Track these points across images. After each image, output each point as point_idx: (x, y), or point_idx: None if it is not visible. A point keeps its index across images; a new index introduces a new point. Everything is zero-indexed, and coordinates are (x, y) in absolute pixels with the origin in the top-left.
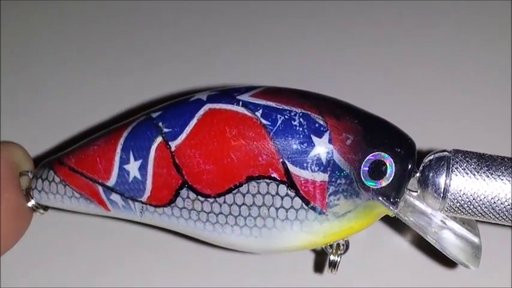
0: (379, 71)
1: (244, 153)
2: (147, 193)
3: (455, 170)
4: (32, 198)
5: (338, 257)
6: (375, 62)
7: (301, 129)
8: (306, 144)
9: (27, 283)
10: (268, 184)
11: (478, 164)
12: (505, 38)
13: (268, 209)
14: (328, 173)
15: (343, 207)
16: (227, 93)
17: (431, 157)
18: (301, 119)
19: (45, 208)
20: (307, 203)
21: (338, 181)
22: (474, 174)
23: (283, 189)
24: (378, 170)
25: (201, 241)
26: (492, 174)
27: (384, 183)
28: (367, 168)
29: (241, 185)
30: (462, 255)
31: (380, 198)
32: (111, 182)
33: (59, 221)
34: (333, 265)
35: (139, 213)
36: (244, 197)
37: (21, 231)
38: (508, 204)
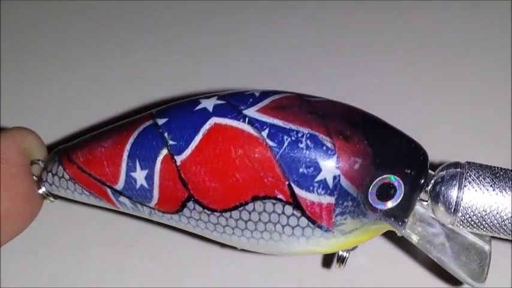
0: (384, 74)
1: (249, 174)
2: (155, 201)
3: (468, 185)
4: (43, 186)
5: (347, 252)
6: (380, 65)
7: (308, 152)
8: (312, 168)
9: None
10: (274, 204)
11: (491, 179)
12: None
13: (275, 225)
14: (335, 196)
15: (349, 226)
16: (233, 105)
17: (443, 172)
18: (308, 141)
19: (55, 196)
20: (313, 222)
21: (345, 203)
22: (488, 189)
23: (289, 209)
24: (386, 193)
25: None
26: (506, 189)
27: (391, 204)
28: (374, 191)
29: (246, 203)
30: (467, 273)
31: (387, 218)
32: (119, 186)
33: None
34: (341, 260)
35: (147, 215)
36: (250, 214)
37: (30, 217)
38: None
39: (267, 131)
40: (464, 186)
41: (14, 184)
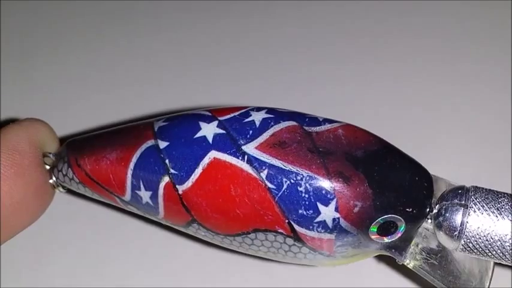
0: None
1: (249, 210)
2: (161, 215)
3: (473, 214)
4: (54, 176)
5: None
6: (380, 78)
7: (307, 195)
8: (311, 211)
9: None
10: (275, 236)
11: (496, 205)
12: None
13: (277, 250)
14: (335, 234)
15: (351, 253)
16: (232, 138)
17: (448, 199)
18: (307, 185)
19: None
20: (314, 250)
21: (345, 239)
22: (492, 216)
23: (290, 241)
24: (386, 230)
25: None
26: (509, 216)
27: (393, 239)
28: (375, 230)
29: (248, 233)
30: None
31: (388, 250)
32: (126, 198)
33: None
34: None
35: (156, 220)
36: (252, 241)
37: (43, 207)
38: None
39: (266, 171)
40: (469, 214)
41: (26, 175)
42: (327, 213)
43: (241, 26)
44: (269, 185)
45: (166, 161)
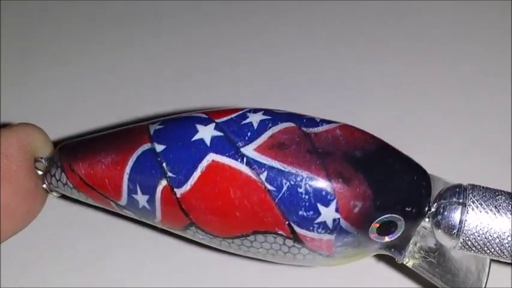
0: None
1: (249, 213)
2: (158, 219)
3: (471, 212)
4: (47, 182)
5: None
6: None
7: (307, 197)
8: (312, 212)
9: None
10: (275, 237)
11: (494, 203)
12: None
13: (277, 251)
14: (335, 234)
15: (350, 253)
16: (231, 140)
17: (446, 196)
18: (307, 186)
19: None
20: (314, 251)
21: (345, 239)
22: (490, 213)
23: (289, 242)
24: (386, 229)
25: None
26: (507, 213)
27: (392, 238)
28: (375, 230)
29: (248, 235)
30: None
31: (387, 249)
32: (122, 202)
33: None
34: None
35: (153, 224)
36: (252, 243)
37: (33, 213)
38: None
39: (265, 174)
40: (467, 212)
41: (14, 180)
42: (328, 214)
43: (237, 29)
44: (269, 187)
45: (164, 164)
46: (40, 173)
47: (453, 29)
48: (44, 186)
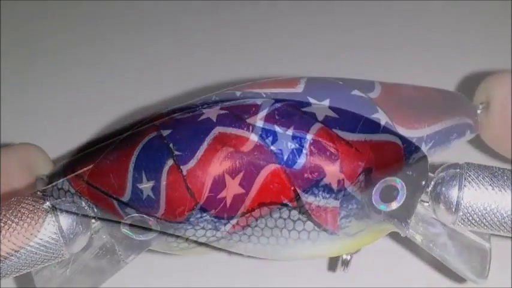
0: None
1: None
2: (162, 211)
3: (468, 184)
4: (47, 201)
5: (350, 256)
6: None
7: (312, 158)
8: (316, 173)
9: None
10: (280, 209)
11: (490, 178)
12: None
13: (281, 230)
14: (339, 199)
15: (354, 228)
16: (236, 115)
17: (443, 173)
18: (312, 147)
19: (61, 211)
20: (319, 226)
21: (349, 206)
22: (487, 188)
23: (295, 214)
24: (389, 194)
25: None
26: (504, 188)
27: (394, 206)
28: (378, 193)
29: (253, 209)
30: (470, 270)
31: (391, 219)
32: (125, 198)
33: None
34: (345, 264)
35: (153, 225)
36: (257, 220)
37: (33, 233)
38: None
39: (271, 138)
40: (464, 186)
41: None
42: (332, 174)
43: (234, 28)
44: (275, 150)
45: (171, 144)
46: (40, 193)
47: (453, 29)
48: (45, 206)
